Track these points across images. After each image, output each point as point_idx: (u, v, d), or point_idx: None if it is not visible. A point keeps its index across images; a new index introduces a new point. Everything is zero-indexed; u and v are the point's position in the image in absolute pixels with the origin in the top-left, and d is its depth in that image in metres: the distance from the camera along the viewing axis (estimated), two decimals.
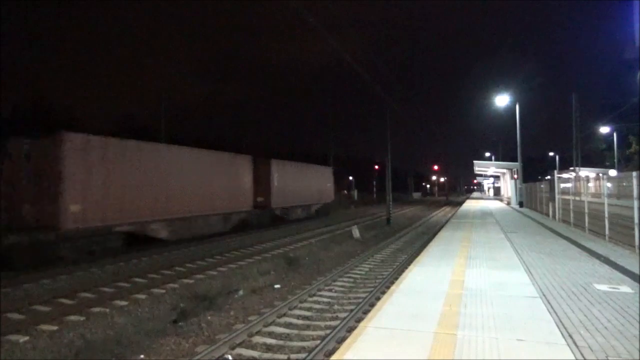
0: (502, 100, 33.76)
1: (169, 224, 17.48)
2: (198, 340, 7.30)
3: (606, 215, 11.70)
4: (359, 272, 12.70)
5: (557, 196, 19.17)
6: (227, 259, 14.83)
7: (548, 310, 5.41)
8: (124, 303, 9.48)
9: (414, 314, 5.25)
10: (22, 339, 7.36)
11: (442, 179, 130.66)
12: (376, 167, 70.62)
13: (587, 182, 15.31)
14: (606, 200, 11.83)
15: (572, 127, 36.73)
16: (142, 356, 6.76)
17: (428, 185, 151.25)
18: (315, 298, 9.77)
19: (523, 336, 4.45)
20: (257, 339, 7.16)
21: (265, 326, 7.75)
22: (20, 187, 13.57)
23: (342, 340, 6.53)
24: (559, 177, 21.12)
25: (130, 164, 15.79)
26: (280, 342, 7.08)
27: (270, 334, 7.44)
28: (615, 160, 44.89)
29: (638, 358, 4.01)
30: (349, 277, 12.01)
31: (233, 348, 6.74)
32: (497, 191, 71.66)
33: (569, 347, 4.19)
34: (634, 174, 9.82)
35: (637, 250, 9.47)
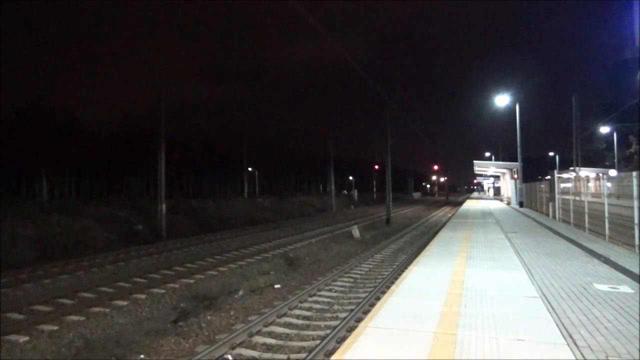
0: (502, 100, 33.72)
1: None
2: (198, 340, 7.30)
3: (606, 215, 11.69)
4: (359, 272, 12.70)
5: (557, 196, 19.16)
6: (227, 259, 14.83)
7: (548, 310, 5.40)
8: (124, 303, 9.48)
9: (414, 313, 5.25)
10: (22, 339, 7.36)
11: (442, 179, 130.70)
12: (376, 167, 70.56)
13: (587, 182, 15.30)
14: (606, 200, 11.82)
15: (572, 127, 36.71)
16: (142, 356, 6.76)
17: (428, 185, 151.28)
18: (315, 298, 9.77)
19: (523, 336, 4.45)
20: (257, 339, 7.16)
21: (265, 326, 7.75)
22: None
23: (342, 340, 6.52)
24: (559, 177, 21.10)
25: None
26: (280, 342, 7.07)
27: (270, 334, 7.44)
28: (615, 160, 44.84)
29: (638, 358, 4.01)
30: (349, 277, 12.01)
31: (233, 348, 6.74)
32: (497, 191, 71.59)
33: (569, 347, 4.19)
34: (634, 174, 9.81)
35: (637, 250, 9.46)
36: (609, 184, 12.50)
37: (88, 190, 55.35)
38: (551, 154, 71.54)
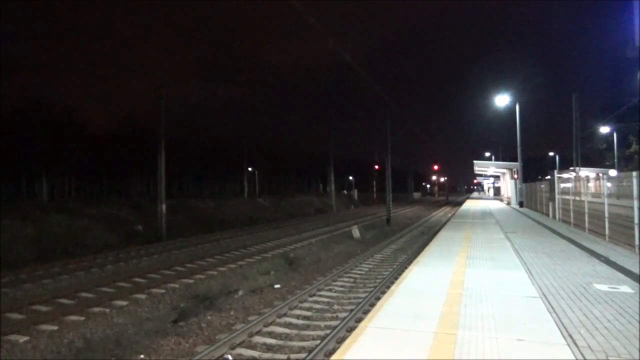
0: (502, 100, 33.71)
1: None
2: (198, 340, 7.30)
3: (606, 215, 11.69)
4: (359, 272, 12.70)
5: (557, 196, 19.16)
6: (227, 259, 14.83)
7: (548, 310, 5.40)
8: (124, 303, 9.48)
9: (414, 313, 5.25)
10: (22, 339, 7.36)
11: (442, 179, 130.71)
12: (376, 167, 70.56)
13: (587, 182, 15.29)
14: (606, 200, 11.82)
15: (572, 127, 36.71)
16: (142, 356, 6.76)
17: (428, 185, 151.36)
18: (315, 298, 9.77)
19: (523, 336, 4.45)
20: (257, 339, 7.16)
21: (265, 326, 7.75)
22: None
23: (342, 340, 6.52)
24: (559, 177, 21.10)
25: None
26: (280, 342, 7.07)
27: (270, 334, 7.44)
28: (615, 160, 44.84)
29: (638, 358, 4.01)
30: (349, 277, 12.01)
31: (233, 348, 6.74)
32: (497, 191, 71.61)
33: (569, 347, 4.19)
34: (634, 173, 9.81)
35: (637, 250, 9.46)
36: (609, 184, 12.49)
37: (88, 190, 55.40)
38: (551, 154, 71.60)
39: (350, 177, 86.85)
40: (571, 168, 37.86)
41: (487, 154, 72.90)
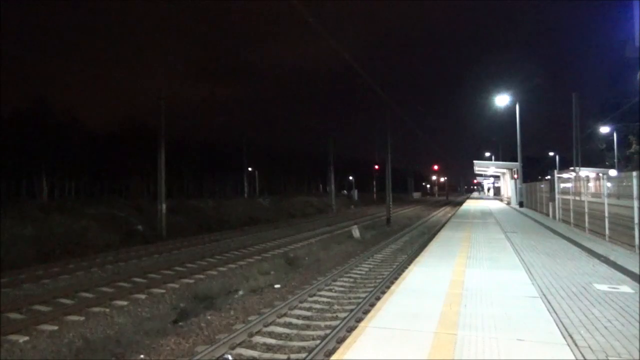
0: (502, 100, 33.74)
1: None
2: (198, 340, 7.30)
3: (606, 215, 11.69)
4: (359, 272, 12.70)
5: (557, 196, 19.16)
6: (227, 259, 14.83)
7: (548, 310, 5.41)
8: (124, 303, 9.49)
9: (414, 313, 5.25)
10: (22, 339, 7.36)
11: (442, 179, 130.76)
12: (376, 167, 70.51)
13: (587, 182, 15.29)
14: (606, 200, 11.82)
15: (572, 127, 36.68)
16: (142, 356, 6.76)
17: (428, 185, 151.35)
18: (315, 298, 9.76)
19: (523, 336, 4.45)
20: (257, 339, 7.15)
21: (265, 326, 7.75)
22: None
23: (342, 340, 6.52)
24: (559, 177, 21.09)
25: None
26: (280, 342, 7.07)
27: (270, 334, 7.44)
28: (615, 160, 44.82)
29: (638, 358, 4.01)
30: (349, 277, 12.01)
31: (233, 348, 6.73)
32: (497, 191, 71.63)
33: (569, 347, 4.19)
34: (634, 173, 9.81)
35: (637, 250, 9.46)
36: (609, 184, 12.50)
37: (88, 190, 55.36)
38: (551, 154, 71.57)
39: (350, 177, 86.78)
40: (571, 168, 37.81)
41: (487, 154, 72.89)
